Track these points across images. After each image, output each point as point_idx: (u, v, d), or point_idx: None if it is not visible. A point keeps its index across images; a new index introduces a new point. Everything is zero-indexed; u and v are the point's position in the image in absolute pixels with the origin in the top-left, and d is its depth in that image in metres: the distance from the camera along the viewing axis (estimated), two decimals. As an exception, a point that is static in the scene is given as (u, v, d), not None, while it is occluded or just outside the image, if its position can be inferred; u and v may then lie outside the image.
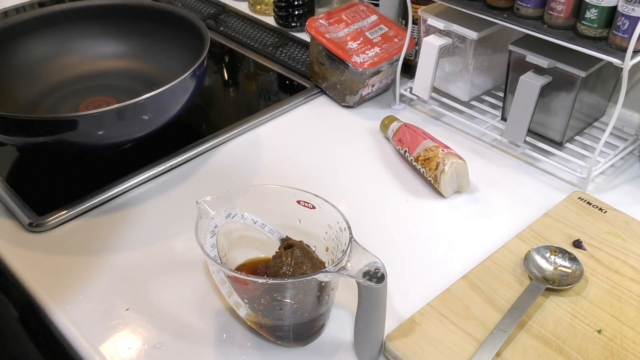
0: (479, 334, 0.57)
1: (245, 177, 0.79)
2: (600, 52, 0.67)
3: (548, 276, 0.62)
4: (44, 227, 0.71)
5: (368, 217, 0.73)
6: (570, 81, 0.75)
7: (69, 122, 0.71)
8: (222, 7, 1.22)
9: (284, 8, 1.11)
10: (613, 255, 0.65)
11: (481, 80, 0.90)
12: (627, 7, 0.65)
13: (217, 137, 0.85)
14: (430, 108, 0.91)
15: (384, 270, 0.50)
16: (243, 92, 1.03)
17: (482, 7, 0.76)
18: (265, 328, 0.58)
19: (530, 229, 0.69)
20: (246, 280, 0.52)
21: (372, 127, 0.88)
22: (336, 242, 0.57)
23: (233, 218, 0.59)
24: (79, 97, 0.89)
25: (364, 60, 0.87)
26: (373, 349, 0.56)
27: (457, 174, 0.74)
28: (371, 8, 0.96)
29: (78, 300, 0.63)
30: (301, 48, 1.07)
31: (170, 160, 0.80)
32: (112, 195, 0.75)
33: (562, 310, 0.59)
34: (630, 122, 0.84)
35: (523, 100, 0.76)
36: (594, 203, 0.72)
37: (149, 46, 0.94)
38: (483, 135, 0.86)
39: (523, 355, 0.55)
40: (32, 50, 0.91)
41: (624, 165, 0.81)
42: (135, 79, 0.92)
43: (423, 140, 0.78)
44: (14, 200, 0.74)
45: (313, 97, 0.95)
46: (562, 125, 0.79)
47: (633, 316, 0.59)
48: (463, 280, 0.63)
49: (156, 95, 0.73)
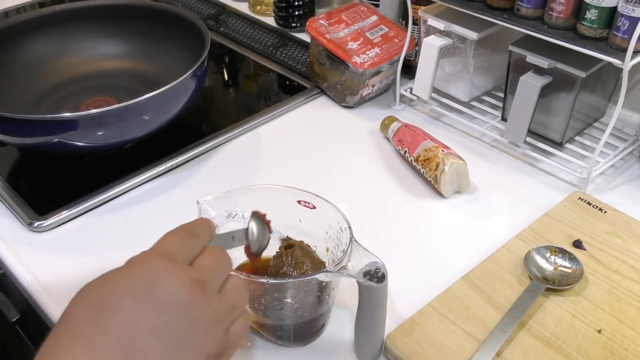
0: (479, 333, 0.57)
1: (245, 177, 0.79)
2: (600, 52, 0.67)
3: (548, 276, 0.62)
4: (44, 227, 0.71)
5: (368, 217, 0.73)
6: (570, 81, 0.75)
7: (69, 122, 0.71)
8: (222, 8, 1.22)
9: (284, 8, 1.12)
10: (613, 255, 0.65)
11: (481, 81, 0.90)
12: (627, 7, 0.65)
13: (217, 137, 0.85)
14: (431, 108, 0.91)
15: (385, 270, 0.50)
16: (243, 93, 1.03)
17: (482, 8, 0.76)
18: (266, 328, 0.58)
19: (530, 229, 0.69)
20: (246, 280, 0.52)
21: (372, 127, 0.88)
22: (337, 242, 0.57)
23: (234, 218, 0.59)
24: (80, 97, 0.89)
25: (364, 61, 0.87)
26: (373, 349, 0.56)
27: (457, 174, 0.74)
28: (371, 8, 0.96)
29: (78, 300, 0.63)
30: (301, 48, 1.07)
31: (170, 160, 0.80)
32: (112, 195, 0.76)
33: (562, 310, 0.59)
34: (630, 123, 0.84)
35: (523, 101, 0.76)
36: (594, 203, 0.72)
37: (150, 46, 0.94)
38: (483, 135, 0.86)
39: (523, 355, 0.55)
40: (32, 50, 0.91)
41: (624, 166, 0.81)
42: (135, 79, 0.92)
43: (423, 141, 0.78)
44: (15, 200, 0.74)
45: (313, 98, 0.95)
46: (562, 125, 0.79)
47: (633, 316, 0.59)
48: (463, 280, 0.63)
49: (156, 96, 0.73)
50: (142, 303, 0.37)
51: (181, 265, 0.39)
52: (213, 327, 0.39)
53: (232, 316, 0.41)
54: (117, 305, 0.36)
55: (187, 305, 0.38)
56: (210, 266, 0.41)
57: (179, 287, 0.38)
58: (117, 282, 0.38)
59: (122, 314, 0.36)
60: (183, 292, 0.38)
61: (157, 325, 0.36)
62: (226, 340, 0.41)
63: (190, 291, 0.38)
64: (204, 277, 0.40)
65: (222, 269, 0.43)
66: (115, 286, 0.37)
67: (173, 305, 0.37)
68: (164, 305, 0.37)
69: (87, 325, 0.36)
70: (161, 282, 0.38)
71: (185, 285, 0.38)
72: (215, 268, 0.42)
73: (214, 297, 0.40)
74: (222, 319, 0.40)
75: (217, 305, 0.40)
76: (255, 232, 0.50)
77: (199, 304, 0.38)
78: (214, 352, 0.39)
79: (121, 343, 0.35)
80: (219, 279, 0.42)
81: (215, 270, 0.41)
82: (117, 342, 0.35)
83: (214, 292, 0.40)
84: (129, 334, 0.36)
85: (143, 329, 0.36)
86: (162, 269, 0.38)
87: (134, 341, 0.36)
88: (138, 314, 0.36)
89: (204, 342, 0.39)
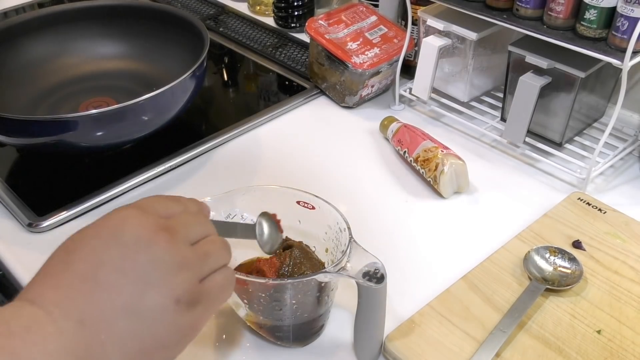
0: (478, 334, 0.57)
1: (245, 178, 0.79)
2: (600, 52, 0.67)
3: (547, 277, 0.62)
4: (44, 228, 0.71)
5: (368, 217, 0.73)
6: (569, 82, 0.75)
7: (69, 123, 0.71)
8: (221, 8, 1.22)
9: (284, 9, 1.12)
10: (612, 255, 0.65)
11: (481, 81, 0.90)
12: (627, 7, 0.65)
13: (217, 137, 0.85)
14: (430, 109, 0.91)
15: (384, 270, 0.50)
16: (243, 93, 1.03)
17: (481, 8, 0.76)
18: (265, 328, 0.58)
19: (529, 230, 0.69)
20: (246, 280, 0.52)
21: (372, 127, 0.88)
22: (336, 242, 0.57)
23: (233, 218, 0.59)
24: (79, 98, 0.89)
25: (364, 61, 0.87)
26: (373, 350, 0.56)
27: (457, 174, 0.74)
28: (371, 9, 0.96)
29: (78, 300, 0.63)
30: (301, 49, 1.07)
31: (170, 160, 0.80)
32: (112, 195, 0.76)
33: (561, 311, 0.59)
34: (630, 123, 0.84)
35: (522, 101, 0.76)
36: (593, 204, 0.72)
37: (149, 47, 0.94)
38: (482, 135, 0.86)
39: (523, 355, 0.55)
40: (32, 51, 0.91)
41: (624, 166, 0.81)
42: (135, 80, 0.92)
43: (422, 141, 0.78)
44: (14, 200, 0.74)
45: (313, 98, 0.95)
46: (561, 125, 0.79)
47: (632, 317, 0.59)
48: (463, 280, 0.63)
49: (156, 96, 0.73)
50: (107, 242, 0.39)
51: (150, 214, 0.41)
52: (180, 271, 0.40)
53: (205, 265, 0.42)
54: (83, 244, 0.40)
55: (151, 244, 0.39)
56: (184, 220, 0.43)
57: (142, 229, 0.40)
58: (88, 228, 0.41)
59: (86, 251, 0.39)
60: (146, 234, 0.39)
61: (120, 264, 0.38)
62: (200, 289, 0.41)
63: (154, 233, 0.40)
64: (173, 226, 0.41)
65: (198, 226, 0.43)
66: (86, 230, 0.41)
67: (137, 245, 0.39)
68: (128, 245, 0.39)
69: (58, 264, 0.39)
70: (127, 225, 0.40)
71: (149, 229, 0.40)
72: (190, 223, 0.43)
73: (180, 243, 0.41)
74: (191, 265, 0.41)
75: (184, 251, 0.41)
76: (267, 232, 0.50)
77: (164, 245, 0.40)
78: (185, 298, 0.40)
79: (85, 277, 0.38)
80: (192, 233, 0.43)
81: (189, 224, 0.43)
82: (81, 277, 0.38)
83: (183, 239, 0.41)
84: (92, 269, 0.38)
85: (107, 264, 0.38)
86: (129, 214, 0.41)
87: (97, 276, 0.38)
88: (102, 251, 0.39)
89: (171, 284, 0.39)
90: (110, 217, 0.41)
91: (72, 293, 0.37)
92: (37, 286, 0.39)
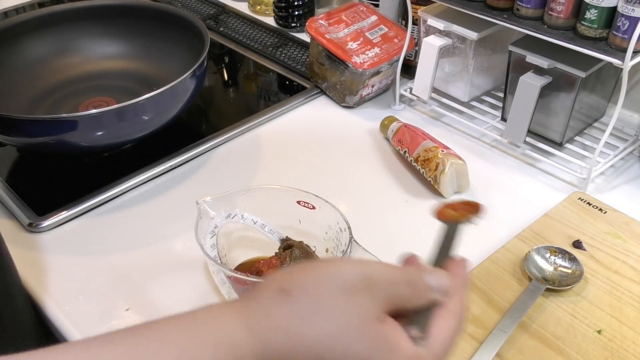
0: (478, 334, 0.57)
1: (245, 178, 0.79)
2: (600, 52, 0.67)
3: (548, 276, 0.62)
4: (44, 227, 0.71)
5: (368, 217, 0.73)
6: (570, 82, 0.75)
7: (69, 123, 0.71)
8: (222, 8, 1.22)
9: (284, 8, 1.11)
10: (613, 255, 0.65)
11: (481, 81, 0.90)
12: (627, 7, 0.65)
13: (217, 137, 0.85)
14: (430, 108, 0.91)
15: (384, 270, 0.50)
16: (243, 93, 1.03)
17: (482, 8, 0.76)
18: (265, 328, 0.58)
19: (530, 230, 0.69)
20: (246, 280, 0.52)
21: (372, 127, 0.88)
22: (336, 242, 0.57)
23: (233, 218, 0.59)
24: (79, 98, 0.89)
25: (364, 61, 0.87)
26: (373, 350, 0.55)
27: (457, 174, 0.74)
28: (371, 8, 0.96)
29: (78, 300, 0.63)
30: (301, 48, 1.07)
31: (170, 160, 0.80)
32: (112, 195, 0.75)
33: (562, 311, 0.59)
34: (630, 123, 0.84)
35: (523, 101, 0.76)
36: (593, 203, 0.72)
37: (149, 46, 0.94)
38: (483, 135, 0.86)
39: (523, 355, 0.55)
40: (32, 51, 0.91)
41: (624, 166, 0.81)
42: (135, 80, 0.92)
43: (423, 141, 0.78)
44: (14, 200, 0.74)
45: (313, 98, 0.95)
46: (562, 125, 0.79)
47: (633, 317, 0.59)
48: (463, 280, 0.63)
49: (156, 96, 0.73)
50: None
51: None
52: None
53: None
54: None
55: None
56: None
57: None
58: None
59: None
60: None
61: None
62: None
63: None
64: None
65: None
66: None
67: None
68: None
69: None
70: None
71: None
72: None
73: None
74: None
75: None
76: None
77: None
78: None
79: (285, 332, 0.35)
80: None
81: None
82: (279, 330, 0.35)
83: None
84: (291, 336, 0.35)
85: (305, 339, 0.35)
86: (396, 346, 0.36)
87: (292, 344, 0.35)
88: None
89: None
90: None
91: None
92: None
